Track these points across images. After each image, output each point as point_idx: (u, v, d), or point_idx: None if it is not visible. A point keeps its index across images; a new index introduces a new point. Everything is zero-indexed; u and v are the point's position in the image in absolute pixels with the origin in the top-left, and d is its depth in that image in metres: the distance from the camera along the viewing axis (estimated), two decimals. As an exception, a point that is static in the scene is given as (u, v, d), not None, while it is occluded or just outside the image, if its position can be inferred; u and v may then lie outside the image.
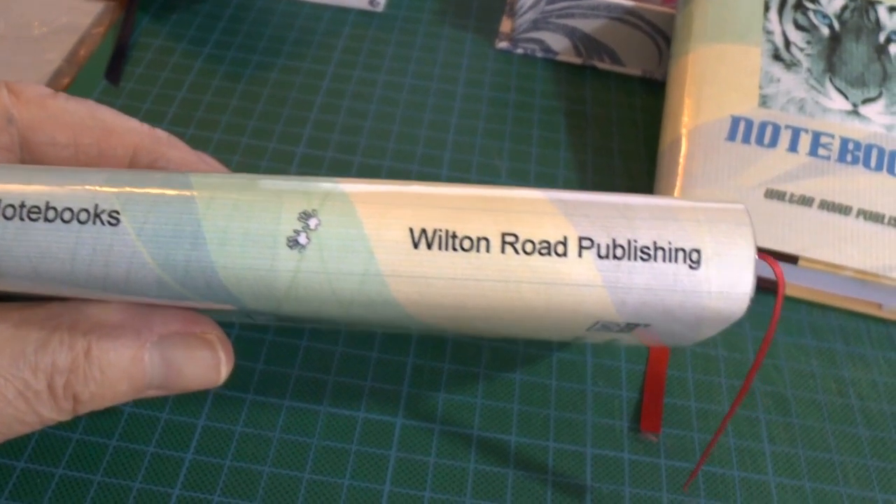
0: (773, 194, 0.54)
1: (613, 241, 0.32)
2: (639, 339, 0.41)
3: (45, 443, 0.44)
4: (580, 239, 0.32)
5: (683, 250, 0.33)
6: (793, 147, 0.56)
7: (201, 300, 0.33)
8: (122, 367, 0.34)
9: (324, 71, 0.69)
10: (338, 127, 0.64)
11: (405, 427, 0.47)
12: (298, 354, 0.49)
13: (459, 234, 0.32)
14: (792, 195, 0.54)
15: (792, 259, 0.53)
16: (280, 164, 0.60)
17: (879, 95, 0.59)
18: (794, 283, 0.56)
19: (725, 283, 0.33)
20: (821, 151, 0.56)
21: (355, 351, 0.50)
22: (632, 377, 0.51)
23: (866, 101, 0.58)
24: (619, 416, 0.49)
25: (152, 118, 0.63)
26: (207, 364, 0.37)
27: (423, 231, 0.32)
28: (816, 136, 0.57)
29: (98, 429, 0.45)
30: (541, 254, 0.32)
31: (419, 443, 0.47)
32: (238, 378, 0.48)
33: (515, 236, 0.32)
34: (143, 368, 0.35)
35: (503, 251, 0.32)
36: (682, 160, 0.57)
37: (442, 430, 0.47)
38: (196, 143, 0.60)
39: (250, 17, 0.73)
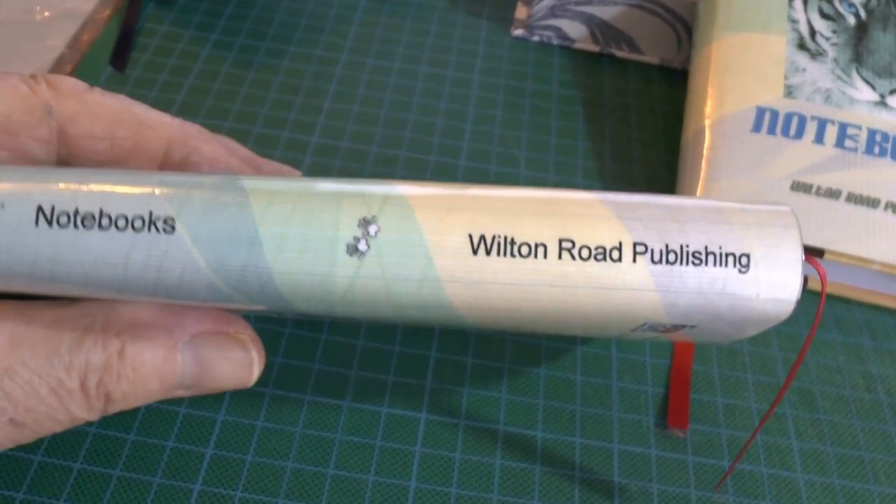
0: (800, 187, 0.54)
1: (667, 246, 0.33)
2: (671, 337, 0.40)
3: (62, 437, 0.44)
4: (635, 244, 0.32)
5: (734, 255, 0.33)
6: (819, 139, 0.56)
7: (250, 303, 0.33)
8: (154, 367, 0.34)
9: (336, 58, 0.68)
10: (352, 116, 0.63)
11: (429, 422, 0.46)
12: (318, 348, 0.49)
13: (518, 240, 0.32)
14: (819, 188, 0.54)
15: (818, 252, 0.52)
16: (294, 154, 0.60)
17: (907, 86, 0.58)
18: (818, 277, 0.55)
19: (774, 286, 0.33)
20: (847, 143, 0.55)
21: (377, 345, 0.49)
22: (657, 372, 0.50)
23: (894, 91, 0.57)
24: (646, 412, 0.48)
25: (160, 107, 0.61)
26: (240, 364, 0.37)
27: (483, 237, 0.32)
28: (843, 128, 0.56)
29: (115, 423, 0.44)
30: (596, 259, 0.32)
31: (444, 438, 0.46)
32: (256, 371, 0.47)
33: (572, 242, 0.32)
34: (175, 368, 0.35)
35: (560, 257, 0.32)
36: (705, 151, 0.56)
37: (467, 425, 0.46)
38: (207, 132, 0.60)
39: (258, 3, 0.72)
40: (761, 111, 0.57)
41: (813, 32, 0.60)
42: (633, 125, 0.66)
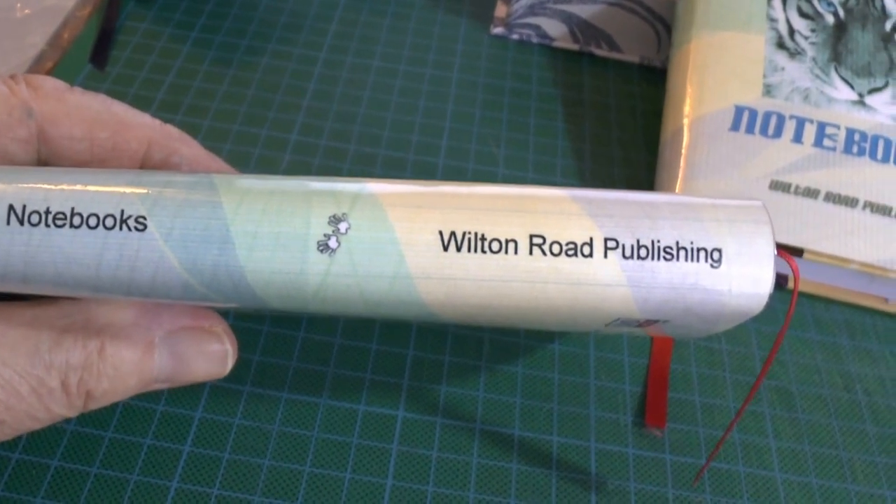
0: (778, 186, 0.54)
1: (638, 241, 0.33)
2: (647, 331, 0.40)
3: (40, 434, 0.44)
4: (606, 240, 0.33)
5: (705, 250, 0.33)
6: (797, 138, 0.56)
7: (225, 301, 0.33)
8: (134, 364, 0.35)
9: (316, 56, 0.68)
10: (331, 114, 0.63)
11: (406, 420, 0.46)
12: (296, 346, 0.49)
13: (488, 237, 0.32)
14: (797, 187, 0.54)
15: (797, 252, 0.52)
16: (273, 152, 0.59)
17: (886, 85, 0.58)
18: (799, 277, 0.55)
19: (746, 281, 0.34)
20: (826, 142, 0.55)
21: (354, 343, 0.49)
22: (635, 371, 0.50)
23: (872, 91, 0.58)
24: (623, 411, 0.48)
25: (139, 104, 0.61)
26: (215, 356, 0.38)
27: (453, 234, 0.32)
28: (822, 127, 0.56)
29: (93, 421, 0.44)
30: (567, 255, 0.32)
31: (421, 436, 0.46)
32: (234, 369, 0.47)
33: (543, 238, 0.32)
34: (152, 364, 0.35)
35: (531, 253, 0.32)
36: (684, 151, 0.56)
37: (444, 423, 0.46)
38: (186, 130, 0.58)
39: (238, 1, 0.72)
40: (740, 110, 0.57)
41: (792, 31, 0.60)
42: (613, 124, 0.66)
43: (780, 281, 0.55)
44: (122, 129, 0.38)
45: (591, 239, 0.32)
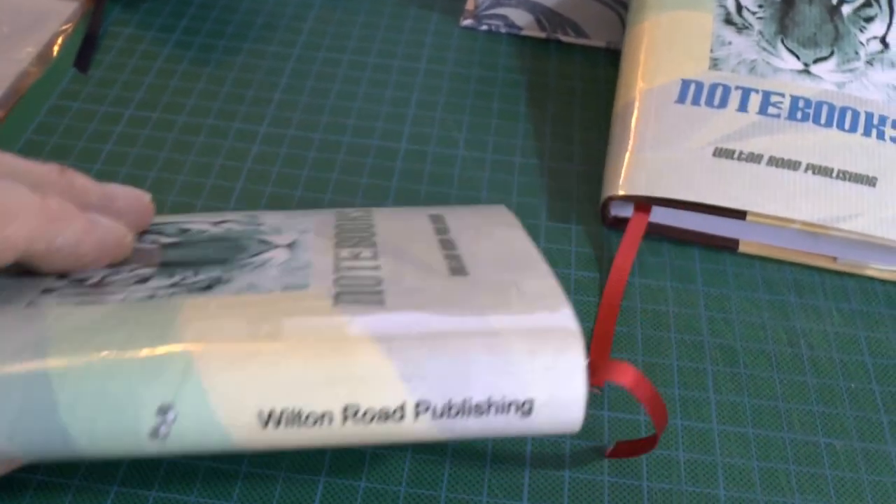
0: (722, 153, 0.55)
1: (449, 401, 0.35)
2: None
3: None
4: (417, 404, 0.35)
5: (516, 402, 0.35)
6: (742, 107, 0.57)
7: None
8: None
9: (289, 53, 0.70)
10: (300, 106, 0.65)
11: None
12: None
13: (304, 412, 0.34)
14: (741, 153, 0.55)
15: (740, 214, 0.53)
16: (243, 143, 0.62)
17: (831, 54, 0.59)
18: (747, 240, 0.56)
19: (556, 422, 0.36)
20: (771, 110, 0.56)
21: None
22: (582, 334, 0.51)
23: (818, 60, 0.59)
24: (566, 371, 0.49)
25: (119, 104, 0.64)
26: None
27: (272, 413, 0.34)
28: (767, 96, 0.57)
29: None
30: (380, 421, 0.35)
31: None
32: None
33: (357, 408, 0.34)
34: None
35: (345, 422, 0.35)
36: (633, 124, 0.57)
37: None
38: (161, 126, 0.62)
39: (219, 4, 0.74)
40: (686, 83, 0.58)
41: (739, 8, 0.61)
42: (577, 107, 0.67)
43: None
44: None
45: (404, 404, 0.34)
